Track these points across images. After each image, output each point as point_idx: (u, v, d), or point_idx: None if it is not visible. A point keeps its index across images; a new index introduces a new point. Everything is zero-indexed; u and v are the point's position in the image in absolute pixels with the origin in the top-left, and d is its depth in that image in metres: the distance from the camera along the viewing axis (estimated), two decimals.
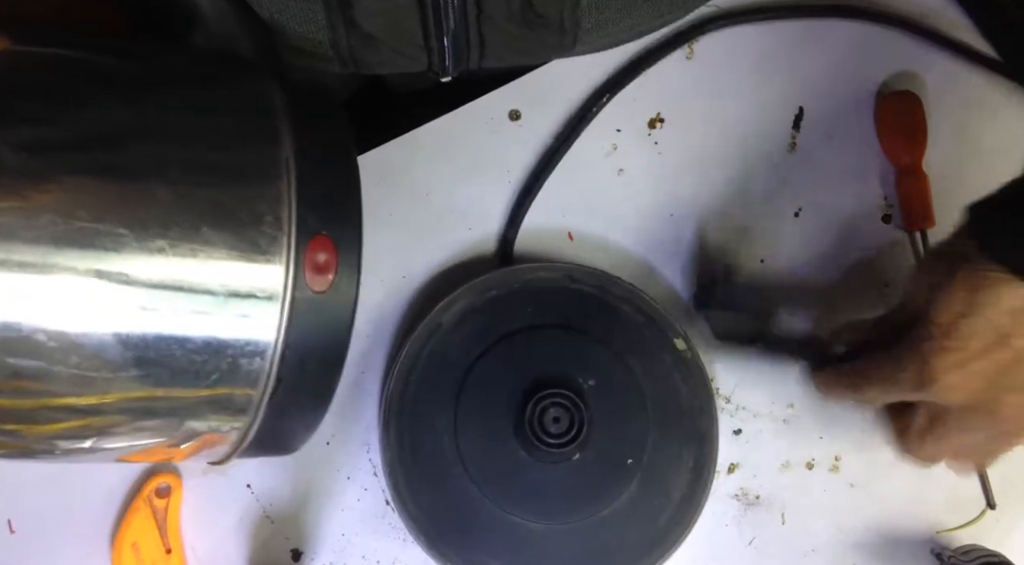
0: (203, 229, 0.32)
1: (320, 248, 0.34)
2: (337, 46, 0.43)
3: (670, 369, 0.51)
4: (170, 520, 0.50)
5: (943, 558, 0.52)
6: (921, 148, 0.56)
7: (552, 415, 0.47)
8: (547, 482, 0.48)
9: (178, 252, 0.31)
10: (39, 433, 0.33)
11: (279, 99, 0.36)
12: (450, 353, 0.50)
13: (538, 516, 0.48)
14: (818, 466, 0.53)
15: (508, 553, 0.48)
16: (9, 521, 0.50)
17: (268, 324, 0.33)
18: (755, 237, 0.56)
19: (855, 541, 0.53)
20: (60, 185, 0.30)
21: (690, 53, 0.57)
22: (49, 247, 0.29)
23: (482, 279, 0.51)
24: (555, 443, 0.47)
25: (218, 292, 0.32)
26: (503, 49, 0.46)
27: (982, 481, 0.53)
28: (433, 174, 0.55)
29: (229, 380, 0.33)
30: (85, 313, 0.30)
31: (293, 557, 0.51)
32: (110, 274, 0.30)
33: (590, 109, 0.56)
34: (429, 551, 0.49)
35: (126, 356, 0.31)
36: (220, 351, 0.33)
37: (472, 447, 0.49)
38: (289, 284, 0.33)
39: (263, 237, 0.33)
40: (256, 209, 0.33)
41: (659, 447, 0.50)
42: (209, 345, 0.32)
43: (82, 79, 0.33)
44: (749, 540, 0.53)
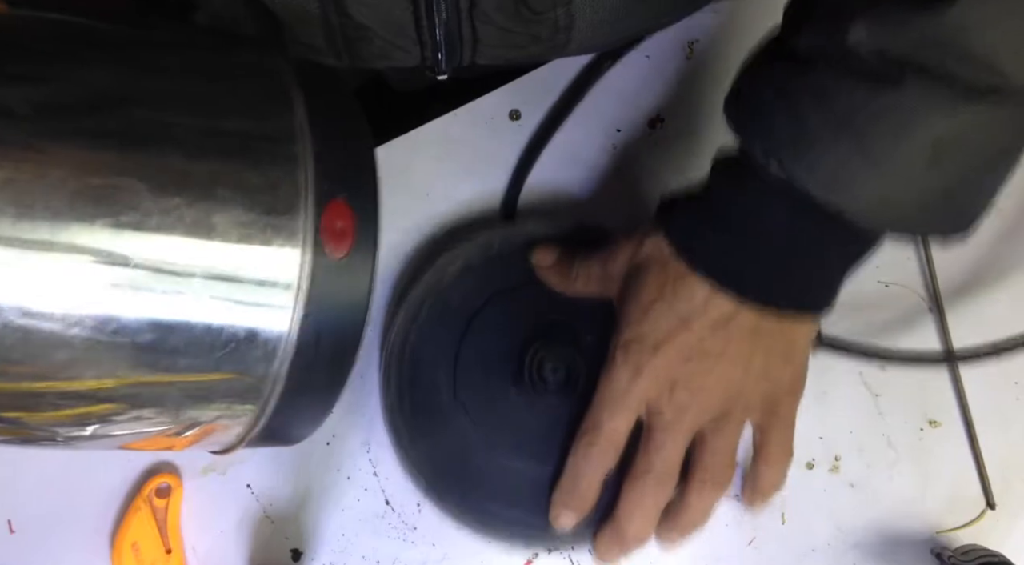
0: (218, 191, 0.31)
1: (337, 214, 0.33)
2: (331, 37, 0.43)
3: None
4: (170, 520, 0.50)
5: (943, 558, 0.52)
6: None
7: (550, 365, 0.48)
8: (544, 429, 0.49)
9: (193, 215, 0.30)
10: (42, 420, 0.32)
11: (287, 67, 0.35)
12: (452, 303, 0.51)
13: (534, 462, 0.49)
14: (818, 466, 0.53)
15: (504, 496, 0.49)
16: (9, 521, 0.50)
17: (285, 292, 0.32)
18: None
19: (855, 541, 0.53)
20: (71, 145, 0.29)
21: (690, 53, 0.57)
22: (64, 212, 0.28)
23: (485, 235, 0.52)
24: (552, 392, 0.48)
25: (234, 258, 0.31)
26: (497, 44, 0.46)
27: (982, 481, 0.53)
28: (433, 174, 0.55)
29: (243, 352, 0.32)
30: (95, 286, 0.29)
31: (293, 557, 0.51)
32: (123, 240, 0.29)
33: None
34: (428, 494, 0.50)
35: (139, 331, 0.30)
36: (235, 320, 0.31)
37: (472, 395, 0.50)
38: (307, 250, 0.32)
39: (279, 201, 0.32)
40: (271, 173, 0.32)
41: None
42: (223, 314, 0.31)
43: (87, 42, 0.32)
44: (749, 540, 0.53)
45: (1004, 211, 0.57)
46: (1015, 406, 0.55)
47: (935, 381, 0.55)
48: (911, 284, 0.56)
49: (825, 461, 0.54)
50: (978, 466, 0.53)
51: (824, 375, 0.54)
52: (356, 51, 0.45)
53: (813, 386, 0.54)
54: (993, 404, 0.54)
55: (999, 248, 0.57)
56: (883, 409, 0.54)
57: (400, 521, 0.52)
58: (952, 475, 0.53)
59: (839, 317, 0.55)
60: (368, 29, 0.43)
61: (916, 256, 0.56)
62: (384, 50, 0.45)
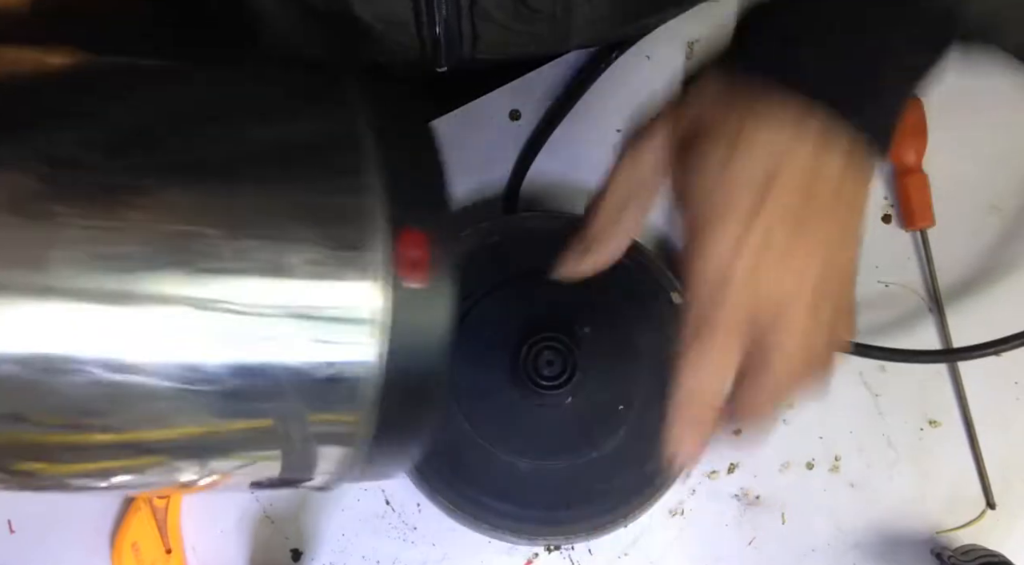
0: (291, 229, 0.30)
1: (412, 243, 0.32)
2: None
3: (666, 321, 0.52)
4: (170, 520, 0.50)
5: (943, 558, 0.52)
6: (921, 148, 0.56)
7: (546, 358, 0.48)
8: (538, 424, 0.49)
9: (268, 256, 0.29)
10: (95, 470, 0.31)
11: (356, 92, 0.34)
12: None
13: (528, 456, 0.49)
14: (818, 466, 0.53)
15: (497, 490, 0.49)
16: (9, 521, 0.50)
17: (367, 327, 0.31)
18: None
19: (855, 541, 0.53)
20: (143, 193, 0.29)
21: (690, 53, 0.57)
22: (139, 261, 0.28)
23: (484, 225, 0.52)
24: (548, 386, 0.48)
25: (311, 296, 0.30)
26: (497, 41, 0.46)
27: (982, 481, 0.53)
28: None
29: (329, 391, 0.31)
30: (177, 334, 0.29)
31: (293, 557, 0.51)
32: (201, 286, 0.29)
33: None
34: (421, 486, 0.50)
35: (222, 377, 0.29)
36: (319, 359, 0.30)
37: (467, 387, 0.50)
38: (385, 283, 0.31)
39: (353, 235, 0.31)
40: (343, 207, 0.31)
41: (650, 396, 0.51)
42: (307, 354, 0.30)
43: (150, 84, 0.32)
44: (749, 540, 0.53)
45: (1004, 211, 0.57)
46: (1015, 406, 0.55)
47: (935, 381, 0.55)
48: (911, 284, 0.56)
49: (825, 461, 0.54)
50: (978, 466, 0.53)
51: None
52: (355, 47, 0.45)
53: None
54: (993, 404, 0.54)
55: (999, 248, 0.57)
56: (883, 409, 0.54)
57: (400, 521, 0.52)
58: (952, 475, 0.53)
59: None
60: (369, 26, 0.43)
61: (916, 256, 0.56)
62: (383, 46, 0.45)
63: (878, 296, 0.56)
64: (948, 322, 0.55)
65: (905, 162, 0.56)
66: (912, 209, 0.55)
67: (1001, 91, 0.58)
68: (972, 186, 0.57)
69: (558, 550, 0.52)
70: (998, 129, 0.58)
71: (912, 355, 0.53)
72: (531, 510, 0.49)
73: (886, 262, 0.56)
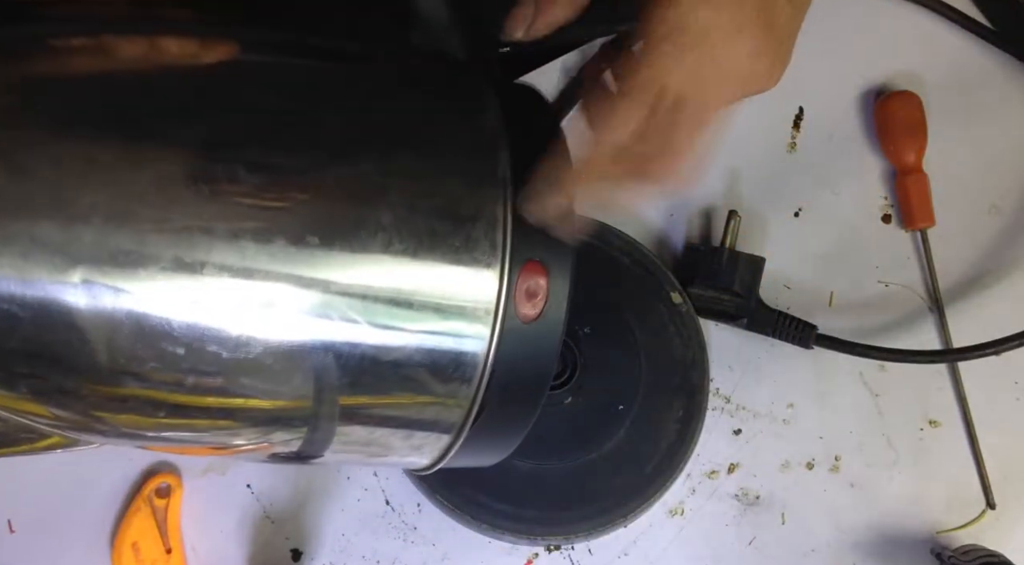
0: (420, 253, 0.31)
1: (532, 274, 0.33)
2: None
3: (665, 321, 0.52)
4: (170, 520, 0.50)
5: (943, 558, 0.52)
6: (921, 148, 0.56)
7: None
8: (538, 424, 0.49)
9: (398, 274, 0.31)
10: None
11: (494, 112, 0.35)
12: None
13: (528, 456, 0.49)
14: (818, 466, 0.53)
15: (496, 490, 0.49)
16: (9, 521, 0.50)
17: (477, 349, 0.32)
18: (754, 237, 0.56)
19: (855, 541, 0.53)
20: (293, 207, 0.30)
21: None
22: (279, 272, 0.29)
23: None
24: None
25: (432, 315, 0.32)
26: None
27: (982, 481, 0.53)
28: None
29: (437, 401, 0.33)
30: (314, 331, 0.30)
31: (293, 557, 0.51)
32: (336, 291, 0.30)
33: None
34: (421, 486, 0.50)
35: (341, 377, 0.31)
36: (433, 373, 0.32)
37: None
38: (500, 311, 0.32)
39: (478, 263, 0.32)
40: (473, 233, 0.32)
41: (650, 396, 0.51)
42: (422, 367, 0.32)
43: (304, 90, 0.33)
44: (749, 540, 0.53)
45: (1004, 211, 0.57)
46: (1015, 406, 0.55)
47: (935, 381, 0.55)
48: (911, 284, 0.56)
49: (825, 461, 0.54)
50: (978, 466, 0.53)
51: (824, 375, 0.54)
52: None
53: (813, 386, 0.54)
54: (993, 404, 0.54)
55: (999, 248, 0.57)
56: (883, 409, 0.54)
57: (400, 521, 0.52)
58: (952, 475, 0.53)
59: (839, 317, 0.55)
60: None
61: (916, 256, 0.56)
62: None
63: (878, 296, 0.56)
64: (948, 322, 0.55)
65: (905, 162, 0.56)
66: (912, 209, 0.55)
67: (1001, 91, 0.58)
68: (972, 186, 0.57)
69: (558, 550, 0.52)
70: (998, 129, 0.58)
71: (912, 355, 0.53)
72: (531, 510, 0.49)
73: (886, 262, 0.56)
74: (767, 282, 0.54)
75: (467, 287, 0.32)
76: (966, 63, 0.59)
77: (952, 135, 0.57)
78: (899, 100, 0.56)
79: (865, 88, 0.58)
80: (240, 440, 0.34)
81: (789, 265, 0.55)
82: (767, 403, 0.54)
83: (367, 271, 0.31)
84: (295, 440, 0.34)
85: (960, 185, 0.57)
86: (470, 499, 0.49)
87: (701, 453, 0.53)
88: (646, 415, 0.51)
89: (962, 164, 0.57)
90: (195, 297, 0.29)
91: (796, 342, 0.53)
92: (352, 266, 0.30)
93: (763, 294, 0.54)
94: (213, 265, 0.29)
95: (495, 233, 0.32)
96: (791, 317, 0.53)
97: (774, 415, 0.54)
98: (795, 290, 0.55)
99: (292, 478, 0.52)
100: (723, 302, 0.53)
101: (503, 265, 0.32)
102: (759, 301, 0.54)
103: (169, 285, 0.28)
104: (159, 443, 0.37)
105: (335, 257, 0.30)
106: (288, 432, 0.33)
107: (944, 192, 0.56)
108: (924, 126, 0.56)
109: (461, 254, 0.32)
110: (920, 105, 0.56)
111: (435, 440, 0.35)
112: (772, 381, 0.54)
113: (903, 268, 0.56)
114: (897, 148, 0.56)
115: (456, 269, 0.32)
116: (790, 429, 0.54)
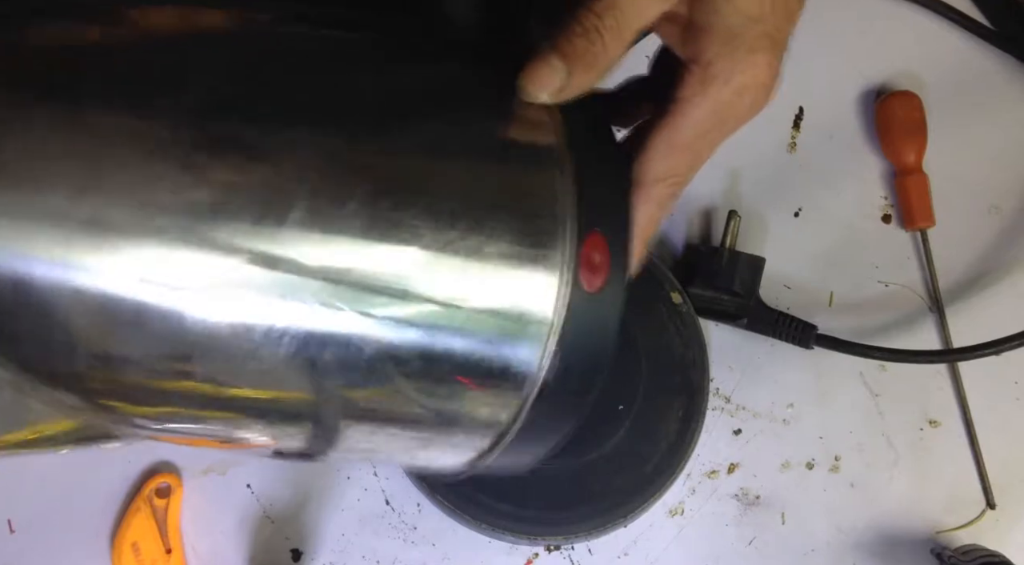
0: (487, 223, 0.30)
1: (595, 247, 0.32)
2: None
3: (665, 321, 0.52)
4: (170, 520, 0.50)
5: (943, 558, 0.52)
6: (921, 148, 0.56)
7: None
8: None
9: (466, 246, 0.30)
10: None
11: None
12: None
13: None
14: (818, 466, 0.53)
15: (495, 490, 0.49)
16: (9, 521, 0.50)
17: (541, 324, 0.31)
18: (754, 237, 0.56)
19: (855, 541, 0.53)
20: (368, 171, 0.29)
21: None
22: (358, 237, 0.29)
23: None
24: None
25: (498, 289, 0.31)
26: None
27: (982, 481, 0.53)
28: None
29: (493, 383, 0.32)
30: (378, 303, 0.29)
31: (293, 557, 0.51)
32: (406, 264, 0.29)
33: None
34: (421, 486, 0.50)
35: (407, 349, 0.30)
36: (487, 352, 0.31)
37: None
38: (566, 283, 0.31)
39: (542, 233, 0.31)
40: (535, 204, 0.31)
41: (650, 396, 0.51)
42: (478, 345, 0.31)
43: (345, 61, 0.32)
44: (749, 540, 0.53)
45: (1004, 211, 0.57)
46: (1015, 406, 0.55)
47: (935, 381, 0.55)
48: (911, 284, 0.56)
49: (825, 461, 0.54)
50: (978, 466, 0.53)
51: (824, 375, 0.54)
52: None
53: (813, 386, 0.54)
54: (993, 404, 0.54)
55: (999, 248, 0.57)
56: (883, 409, 0.54)
57: (400, 521, 0.52)
58: (952, 475, 0.53)
59: (839, 317, 0.55)
60: None
61: (916, 256, 0.56)
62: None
63: (878, 296, 0.56)
64: (948, 322, 0.55)
65: (905, 162, 0.56)
66: (912, 209, 0.55)
67: (1001, 91, 0.58)
68: (972, 186, 0.57)
69: (558, 550, 0.52)
70: (998, 129, 0.58)
71: (912, 355, 0.53)
72: (531, 510, 0.49)
73: (886, 262, 0.56)
74: (767, 282, 0.54)
75: (533, 260, 0.31)
76: (966, 63, 0.59)
77: (952, 135, 0.57)
78: (899, 100, 0.56)
79: (865, 88, 0.58)
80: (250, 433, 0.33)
81: (789, 265, 0.55)
82: (767, 403, 0.54)
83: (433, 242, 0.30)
84: (303, 435, 0.33)
85: (960, 185, 0.57)
86: (470, 499, 0.49)
87: (701, 453, 0.53)
88: (646, 415, 0.51)
89: (962, 164, 0.57)
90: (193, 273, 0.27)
91: (796, 342, 0.53)
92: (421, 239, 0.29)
93: (763, 294, 0.54)
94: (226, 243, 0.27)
95: (558, 203, 0.31)
96: (791, 317, 0.53)
97: (774, 415, 0.54)
98: (795, 290, 0.55)
99: (292, 478, 0.52)
100: (723, 302, 0.53)
101: (567, 235, 0.31)
102: (759, 301, 0.54)
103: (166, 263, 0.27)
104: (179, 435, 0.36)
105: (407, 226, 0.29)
106: (297, 427, 0.32)
107: (944, 192, 0.56)
108: (924, 126, 0.56)
109: (527, 223, 0.31)
110: (920, 105, 0.56)
111: (484, 431, 0.34)
112: (772, 381, 0.54)
113: (903, 268, 0.56)
114: (897, 148, 0.56)
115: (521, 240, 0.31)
116: (790, 429, 0.54)
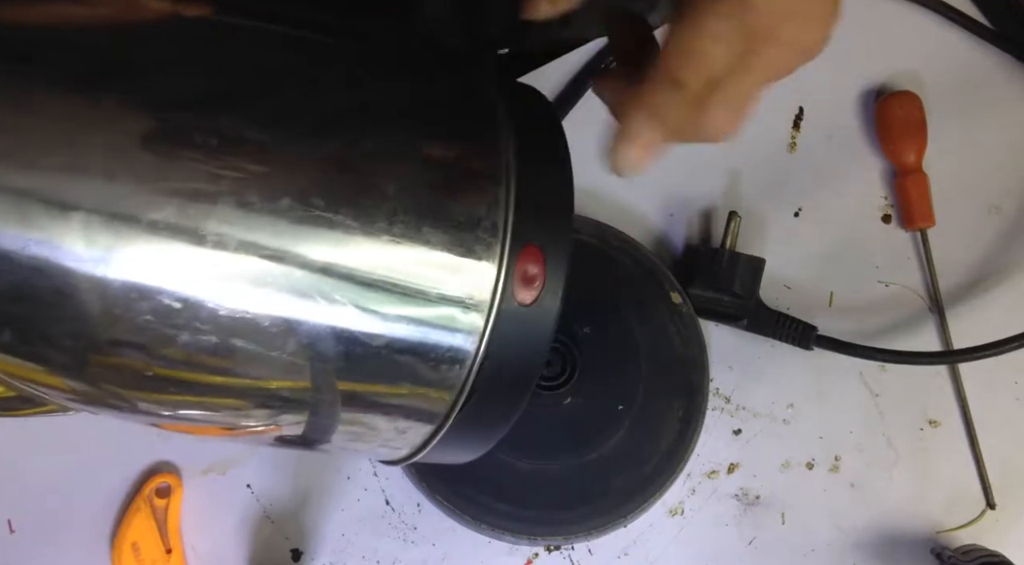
0: (424, 228, 0.31)
1: (531, 259, 0.33)
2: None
3: (665, 321, 0.52)
4: (170, 520, 0.50)
5: (943, 558, 0.52)
6: (921, 148, 0.56)
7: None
8: (538, 424, 0.49)
9: (399, 250, 0.31)
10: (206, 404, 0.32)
11: (498, 97, 0.35)
12: None
13: (527, 456, 0.49)
14: (818, 466, 0.53)
15: (495, 490, 0.49)
16: (9, 521, 0.50)
17: (472, 332, 0.32)
18: (754, 237, 0.56)
19: (855, 541, 0.53)
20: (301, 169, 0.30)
21: None
22: (287, 232, 0.29)
23: None
24: (547, 386, 0.49)
25: (430, 295, 0.31)
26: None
27: (982, 481, 0.53)
28: None
29: (426, 384, 0.33)
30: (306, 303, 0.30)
31: (293, 557, 0.51)
32: (335, 266, 0.30)
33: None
34: (418, 485, 0.50)
35: (336, 349, 0.31)
36: (423, 354, 0.32)
37: None
38: (498, 293, 0.32)
39: (479, 242, 0.32)
40: (475, 212, 0.32)
41: (650, 396, 0.51)
42: (414, 347, 0.32)
43: (307, 60, 0.32)
44: (749, 540, 0.53)
45: (1004, 211, 0.57)
46: (1015, 406, 0.55)
47: (935, 381, 0.55)
48: (911, 284, 0.56)
49: (825, 461, 0.54)
50: (978, 466, 0.53)
51: (824, 375, 0.54)
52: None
53: (813, 386, 0.54)
54: (993, 404, 0.54)
55: (999, 248, 0.57)
56: (883, 409, 0.54)
57: (400, 521, 0.52)
58: (952, 475, 0.53)
59: (839, 317, 0.55)
60: None
61: (916, 256, 0.56)
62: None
63: (878, 296, 0.56)
64: (948, 323, 0.55)
65: (905, 162, 0.56)
66: (912, 209, 0.55)
67: (1001, 91, 0.58)
68: (972, 186, 0.57)
69: (558, 550, 0.52)
70: (998, 129, 0.58)
71: (912, 356, 0.53)
72: (531, 510, 0.49)
73: (886, 262, 0.56)
74: (767, 282, 0.54)
75: (467, 269, 0.32)
76: (966, 63, 0.59)
77: (952, 135, 0.57)
78: (899, 100, 0.56)
79: (865, 88, 0.58)
80: (233, 417, 0.33)
81: (789, 265, 0.55)
82: (767, 403, 0.54)
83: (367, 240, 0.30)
84: (295, 421, 0.34)
85: (960, 185, 0.57)
86: (470, 499, 0.49)
87: (701, 453, 0.53)
88: (646, 415, 0.51)
89: (962, 164, 0.57)
90: (182, 260, 0.28)
91: (796, 343, 0.53)
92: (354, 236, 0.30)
93: (763, 294, 0.54)
94: (208, 231, 0.28)
95: (497, 213, 0.32)
96: (791, 318, 0.53)
97: (774, 415, 0.54)
98: (795, 290, 0.55)
99: (292, 478, 0.52)
100: (723, 303, 0.53)
101: (503, 247, 0.32)
102: (759, 302, 0.54)
103: (159, 249, 0.28)
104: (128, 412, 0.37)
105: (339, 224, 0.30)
106: (296, 414, 0.33)
107: (944, 192, 0.56)
108: (924, 126, 0.56)
109: (463, 232, 0.31)
110: (920, 105, 0.56)
111: (417, 428, 0.34)
112: (772, 381, 0.54)
113: (903, 268, 0.56)
114: (897, 148, 0.56)
115: (456, 248, 0.31)
116: (790, 429, 0.54)
